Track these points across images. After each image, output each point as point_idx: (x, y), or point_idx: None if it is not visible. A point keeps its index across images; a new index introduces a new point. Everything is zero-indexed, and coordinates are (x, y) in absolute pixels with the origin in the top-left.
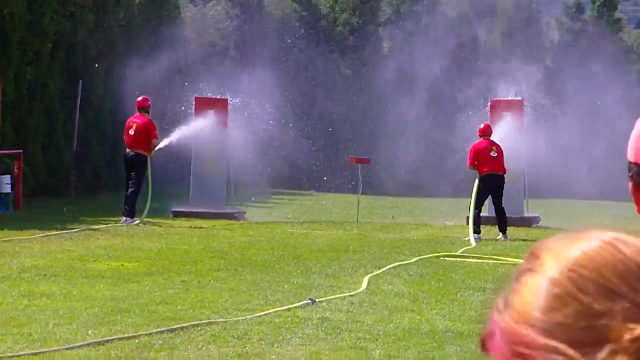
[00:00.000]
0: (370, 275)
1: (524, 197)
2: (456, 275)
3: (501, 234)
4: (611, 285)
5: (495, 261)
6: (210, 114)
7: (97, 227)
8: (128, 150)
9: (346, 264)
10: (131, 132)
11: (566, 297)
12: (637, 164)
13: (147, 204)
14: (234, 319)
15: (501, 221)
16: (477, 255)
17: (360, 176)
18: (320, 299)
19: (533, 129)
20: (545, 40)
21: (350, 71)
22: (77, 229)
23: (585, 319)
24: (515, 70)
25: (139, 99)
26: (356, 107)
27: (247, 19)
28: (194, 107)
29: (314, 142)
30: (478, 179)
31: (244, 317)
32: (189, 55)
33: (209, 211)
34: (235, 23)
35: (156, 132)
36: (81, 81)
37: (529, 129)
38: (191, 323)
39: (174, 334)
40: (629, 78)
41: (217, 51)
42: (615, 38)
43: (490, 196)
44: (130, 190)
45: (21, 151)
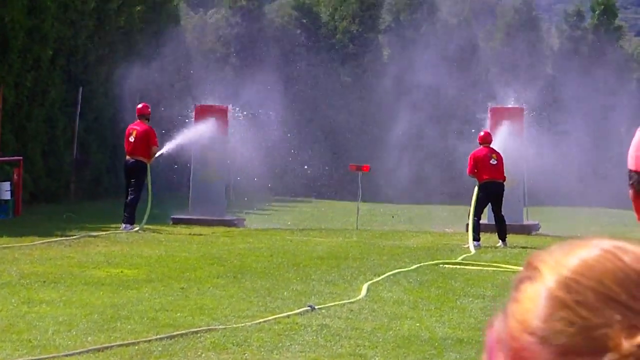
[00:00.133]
0: (369, 283)
1: (524, 205)
2: (456, 282)
3: (501, 241)
4: (611, 293)
5: (494, 269)
6: (211, 121)
7: (97, 233)
8: (128, 157)
9: (346, 271)
10: (131, 139)
11: (566, 305)
12: (638, 172)
13: (147, 211)
14: (234, 325)
15: (501, 229)
16: (476, 263)
17: (360, 183)
18: (319, 306)
19: (533, 137)
20: (545, 48)
21: (350, 79)
22: (76, 236)
23: (585, 327)
24: (515, 78)
25: (139, 106)
26: (356, 114)
27: (247, 26)
28: (194, 115)
29: (314, 149)
30: (477, 186)
31: (244, 324)
32: (189, 62)
33: (209, 218)
34: (235, 30)
35: (156, 140)
36: (81, 88)
37: (528, 136)
38: (190, 330)
39: (173, 341)
40: (629, 86)
41: (218, 58)
42: (616, 46)
43: (489, 204)
44: (130, 197)
45: (21, 158)
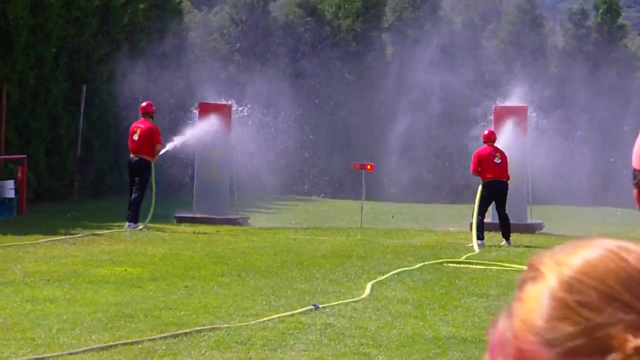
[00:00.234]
0: (373, 281)
1: (528, 204)
2: (460, 281)
3: (505, 240)
4: (614, 293)
5: (498, 267)
6: (214, 119)
7: (101, 232)
8: (132, 156)
9: (350, 269)
10: (135, 137)
11: (569, 306)
12: None
13: (151, 209)
14: (238, 324)
15: (505, 227)
16: (480, 262)
17: (363, 182)
18: (323, 305)
19: (537, 135)
20: (549, 47)
21: (353, 77)
22: (80, 234)
23: (588, 327)
24: (519, 76)
25: (143, 104)
26: (359, 112)
27: (251, 24)
28: (197, 113)
29: (317, 147)
30: (481, 185)
31: (248, 323)
32: (193, 60)
33: (213, 217)
34: (239, 28)
35: (160, 138)
36: (85, 86)
37: (532, 135)
38: (194, 328)
39: (177, 340)
40: (633, 84)
41: (221, 56)
42: (619, 45)
43: (493, 202)
44: (134, 195)
45: (25, 156)
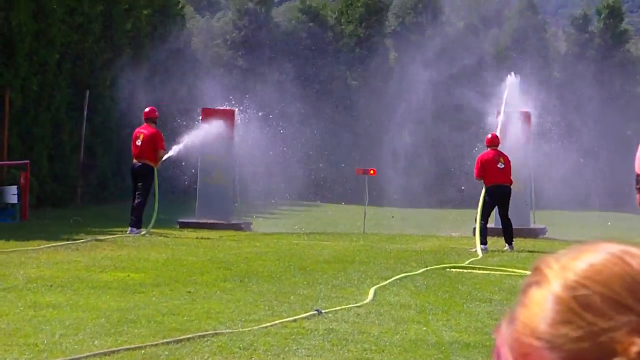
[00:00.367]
0: (376, 287)
1: (531, 209)
2: (463, 286)
3: (507, 245)
4: (618, 297)
5: (502, 272)
6: (217, 124)
7: (104, 237)
8: (135, 161)
9: (352, 275)
10: (138, 142)
11: (573, 310)
12: None
13: (154, 215)
14: (240, 329)
15: (507, 232)
16: (483, 267)
17: (366, 187)
18: (326, 310)
19: (540, 140)
20: (552, 52)
21: (357, 82)
22: (83, 240)
23: (592, 332)
24: (521, 81)
25: (147, 109)
26: (363, 117)
27: (254, 30)
28: (200, 118)
29: (320, 152)
30: (484, 190)
31: (250, 328)
32: (196, 65)
33: (216, 222)
34: (242, 34)
35: (163, 143)
36: (88, 92)
37: (536, 140)
38: (197, 334)
39: (180, 345)
40: (636, 89)
41: (224, 62)
42: (623, 49)
43: (496, 207)
44: (137, 200)
45: (28, 162)
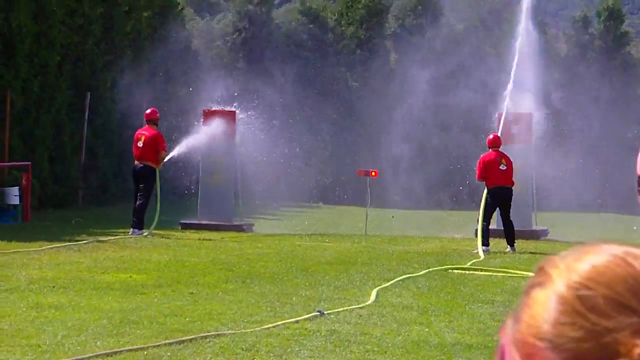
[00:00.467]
0: (378, 288)
1: (533, 210)
2: (465, 287)
3: (509, 246)
4: (621, 299)
5: (503, 274)
6: (218, 125)
7: (106, 238)
8: (136, 163)
9: (355, 276)
10: (139, 144)
11: (576, 311)
12: None
13: (156, 216)
14: (243, 331)
15: (509, 234)
16: (485, 268)
17: (368, 188)
18: (328, 311)
19: (541, 142)
20: (553, 54)
21: (357, 84)
22: (85, 241)
23: (595, 333)
24: (522, 83)
25: (148, 111)
26: (364, 119)
27: (254, 31)
28: (202, 119)
29: (321, 154)
30: (486, 191)
31: (253, 329)
32: (196, 67)
33: (218, 223)
34: (242, 36)
35: (164, 145)
36: (89, 93)
37: (537, 141)
38: (199, 335)
39: (182, 346)
40: (637, 91)
41: (224, 63)
42: (623, 52)
43: (498, 209)
44: (139, 202)
45: (29, 163)
